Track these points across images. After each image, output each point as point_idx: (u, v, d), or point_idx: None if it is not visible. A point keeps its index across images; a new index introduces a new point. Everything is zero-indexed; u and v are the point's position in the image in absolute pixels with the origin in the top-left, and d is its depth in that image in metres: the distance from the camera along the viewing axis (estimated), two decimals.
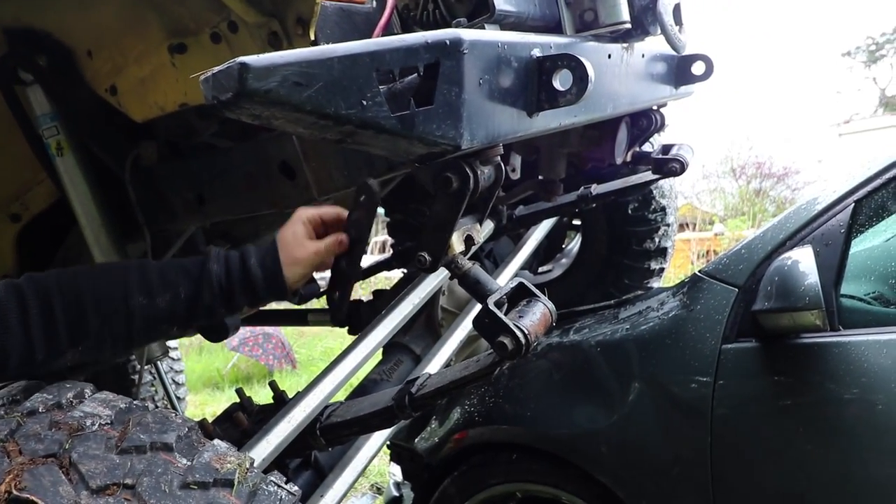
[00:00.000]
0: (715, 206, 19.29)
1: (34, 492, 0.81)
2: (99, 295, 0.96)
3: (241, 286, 1.06)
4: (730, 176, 20.11)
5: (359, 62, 0.74)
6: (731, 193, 19.88)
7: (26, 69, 1.39)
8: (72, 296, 0.95)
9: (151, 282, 0.99)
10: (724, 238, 11.62)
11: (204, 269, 1.03)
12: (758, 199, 18.85)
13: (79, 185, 1.45)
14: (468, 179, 0.97)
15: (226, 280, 1.05)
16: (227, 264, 1.05)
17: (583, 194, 2.11)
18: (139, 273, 0.99)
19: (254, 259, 1.06)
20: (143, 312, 0.99)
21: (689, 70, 1.72)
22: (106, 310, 0.97)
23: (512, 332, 0.99)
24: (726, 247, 10.72)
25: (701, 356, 1.62)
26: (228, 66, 0.67)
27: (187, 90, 1.26)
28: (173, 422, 0.98)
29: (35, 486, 0.82)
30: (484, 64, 0.89)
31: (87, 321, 0.96)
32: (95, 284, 0.97)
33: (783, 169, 19.65)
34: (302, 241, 1.09)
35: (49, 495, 0.81)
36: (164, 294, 1.00)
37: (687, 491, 1.60)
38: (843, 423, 1.44)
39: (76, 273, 0.98)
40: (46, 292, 0.94)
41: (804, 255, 1.46)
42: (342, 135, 0.79)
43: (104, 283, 0.98)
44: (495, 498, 1.96)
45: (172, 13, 1.21)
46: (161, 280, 1.00)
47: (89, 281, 0.97)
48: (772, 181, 19.76)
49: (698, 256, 10.54)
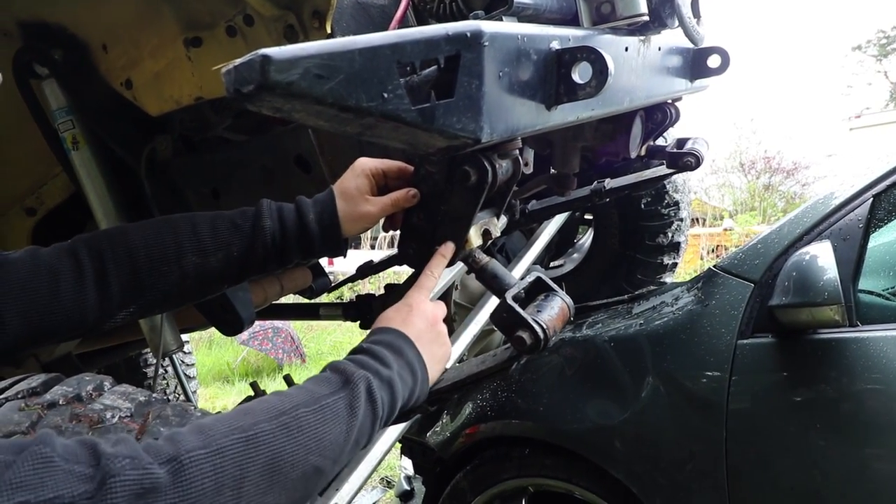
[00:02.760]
0: (724, 201, 19.22)
1: None
2: (152, 255, 0.92)
3: (296, 243, 1.01)
4: (739, 171, 20.03)
5: (380, 54, 0.74)
6: (740, 188, 19.81)
7: (41, 63, 1.39)
8: (125, 257, 0.92)
9: (204, 240, 0.95)
10: (733, 233, 11.56)
11: (257, 226, 0.97)
12: (767, 195, 18.77)
13: (95, 179, 1.46)
14: (486, 173, 0.97)
15: (280, 237, 0.99)
16: (282, 220, 1.00)
17: (596, 189, 2.09)
18: (191, 231, 0.95)
19: (311, 215, 1.01)
20: (196, 271, 0.95)
21: (705, 63, 1.70)
22: (159, 270, 0.93)
23: (530, 327, 0.99)
24: (736, 242, 10.68)
25: (716, 351, 1.62)
26: (250, 58, 0.66)
27: (203, 84, 1.26)
28: (192, 414, 0.99)
29: None
30: (504, 56, 0.89)
31: (142, 282, 0.93)
32: (148, 244, 0.92)
33: (792, 164, 19.55)
34: (365, 196, 1.03)
35: None
36: (216, 253, 0.95)
37: (702, 486, 1.59)
38: (861, 418, 1.43)
39: (126, 231, 0.94)
40: (101, 255, 0.90)
41: (823, 250, 1.45)
42: (362, 127, 0.78)
43: (157, 244, 0.93)
44: (507, 492, 1.96)
45: (188, 6, 1.21)
46: (213, 238, 0.95)
47: (141, 240, 0.92)
48: (781, 176, 19.65)
49: (708, 252, 10.49)
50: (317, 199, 1.03)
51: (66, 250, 0.90)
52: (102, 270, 0.90)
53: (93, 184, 1.46)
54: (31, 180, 1.64)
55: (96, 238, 0.93)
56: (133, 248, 0.92)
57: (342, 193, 1.03)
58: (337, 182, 1.04)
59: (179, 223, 0.96)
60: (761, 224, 13.66)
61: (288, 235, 1.00)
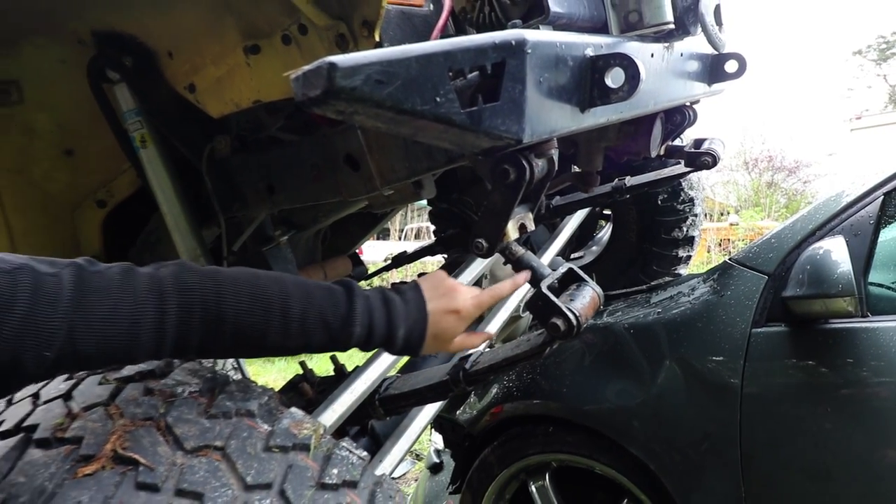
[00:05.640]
0: (729, 197, 18.98)
1: (136, 451, 0.84)
2: (238, 329, 0.85)
3: (369, 347, 0.95)
4: (743, 169, 19.78)
5: (434, 61, 0.74)
6: (745, 186, 19.57)
7: (113, 69, 1.41)
8: (213, 326, 0.84)
9: (291, 327, 0.88)
10: (738, 228, 11.40)
11: (345, 331, 0.91)
12: (770, 191, 18.52)
13: (160, 175, 1.48)
14: (524, 171, 0.96)
15: (363, 344, 0.94)
16: (371, 329, 0.92)
17: (617, 186, 2.09)
18: (281, 314, 0.87)
19: (402, 331, 0.94)
20: (269, 349, 0.90)
21: (723, 68, 1.68)
22: (240, 344, 0.87)
23: (564, 315, 0.99)
24: (741, 236, 10.53)
25: (731, 339, 1.60)
26: (317, 65, 0.66)
27: (260, 88, 1.26)
28: (255, 390, 1.00)
29: (137, 447, 0.85)
30: (544, 63, 0.88)
31: (218, 345, 0.87)
32: (238, 315, 0.85)
33: (794, 162, 19.28)
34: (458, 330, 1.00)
35: (149, 455, 0.84)
36: (297, 340, 0.89)
37: (716, 465, 1.58)
38: (870, 404, 1.41)
39: (221, 292, 0.85)
40: (188, 321, 0.82)
41: (836, 245, 1.43)
42: (415, 129, 0.79)
43: (246, 319, 0.85)
44: (532, 466, 1.97)
45: (248, 17, 1.22)
46: (301, 328, 0.88)
47: (233, 311, 0.84)
48: (783, 174, 19.38)
49: (715, 245, 10.36)
50: (409, 311, 0.96)
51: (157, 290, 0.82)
52: (184, 333, 0.83)
53: (158, 179, 1.48)
54: (103, 175, 1.66)
55: (193, 287, 0.84)
56: (224, 316, 0.84)
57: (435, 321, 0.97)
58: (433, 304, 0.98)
59: (273, 301, 0.87)
60: (765, 219, 13.46)
61: (371, 342, 0.94)
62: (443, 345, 1.00)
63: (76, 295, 0.77)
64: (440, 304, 0.98)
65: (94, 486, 0.79)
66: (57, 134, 1.58)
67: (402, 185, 1.28)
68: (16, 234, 1.60)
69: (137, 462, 0.82)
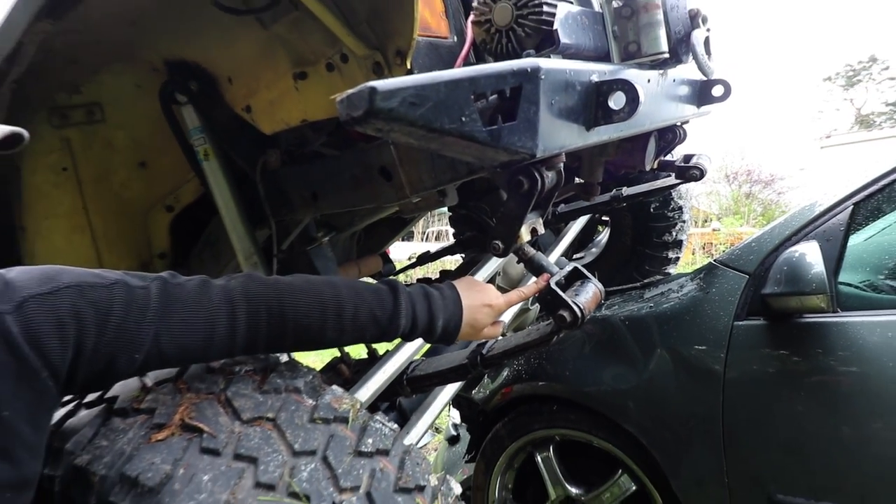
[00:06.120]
0: (711, 206, 18.77)
1: (201, 421, 0.84)
2: (299, 327, 0.88)
3: (412, 337, 0.98)
4: (724, 181, 19.54)
5: (460, 86, 0.74)
6: (725, 196, 19.35)
7: (181, 92, 1.43)
8: (277, 327, 0.87)
9: (345, 324, 0.90)
10: (720, 233, 11.25)
11: (392, 323, 0.93)
12: (748, 201, 18.29)
13: (220, 184, 1.49)
14: (537, 182, 0.96)
15: (408, 334, 0.96)
16: (414, 320, 0.95)
17: (615, 195, 2.07)
18: (336, 313, 0.89)
19: (440, 322, 0.96)
20: (328, 342, 0.93)
21: (710, 92, 1.65)
22: (300, 339, 0.90)
23: (570, 308, 0.98)
24: (723, 240, 10.38)
25: (715, 331, 1.58)
26: (360, 89, 0.66)
27: (307, 109, 1.27)
28: (301, 370, 1.00)
29: (201, 417, 0.85)
30: (555, 87, 0.88)
31: (282, 345, 0.91)
32: (297, 316, 0.87)
33: (770, 176, 19.03)
34: (487, 322, 1.02)
35: (212, 424, 0.84)
36: (351, 334, 0.92)
37: (701, 441, 1.56)
38: (838, 389, 1.38)
39: (282, 297, 0.87)
40: (255, 313, 0.85)
41: (811, 249, 1.40)
42: (442, 145, 0.78)
43: (305, 318, 0.88)
44: (538, 440, 1.96)
45: (297, 47, 1.22)
46: (353, 324, 0.91)
47: (293, 311, 0.87)
48: (760, 186, 19.14)
49: (699, 248, 10.23)
50: (447, 304, 0.98)
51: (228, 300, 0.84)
52: (252, 337, 0.85)
53: (219, 187, 1.50)
54: (171, 184, 1.68)
55: (259, 296, 0.86)
56: (286, 319, 0.86)
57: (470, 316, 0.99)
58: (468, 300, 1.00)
59: (328, 303, 0.89)
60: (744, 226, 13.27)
61: (415, 332, 0.96)
62: (475, 334, 1.02)
63: (161, 305, 0.79)
64: (475, 300, 1.00)
65: (165, 450, 0.80)
66: (133, 148, 1.60)
67: (428, 194, 1.28)
68: (97, 234, 1.62)
69: (202, 430, 0.83)
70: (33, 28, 1.04)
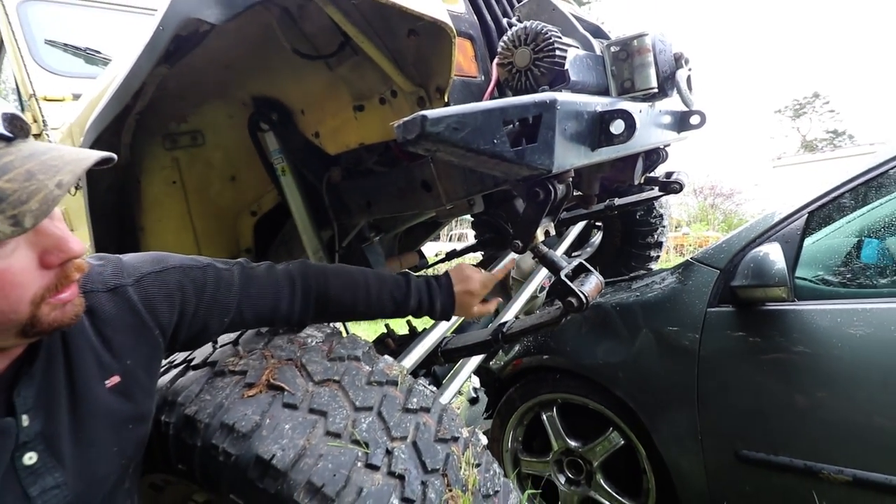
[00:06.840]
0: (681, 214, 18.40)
1: (282, 381, 0.85)
2: (339, 301, 0.95)
3: (420, 314, 1.05)
4: (692, 194, 19.21)
5: (493, 114, 0.73)
6: (693, 206, 18.98)
7: (264, 122, 1.44)
8: (323, 298, 0.94)
9: (371, 302, 0.98)
10: (689, 237, 11.01)
11: (405, 303, 1.01)
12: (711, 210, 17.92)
13: (294, 194, 1.50)
14: (550, 193, 0.95)
15: (415, 311, 1.03)
16: (420, 301, 1.02)
17: (608, 205, 2.03)
18: (365, 295, 0.97)
19: (438, 304, 1.04)
20: (358, 315, 0.99)
21: (689, 121, 1.60)
22: (339, 311, 0.97)
23: (577, 295, 0.97)
24: (691, 242, 10.15)
25: (691, 315, 1.54)
26: (413, 117, 0.66)
27: (364, 134, 1.27)
28: (359, 342, 1.01)
29: (283, 378, 0.86)
30: (568, 115, 0.86)
31: (325, 313, 0.96)
32: (338, 294, 0.95)
33: (730, 190, 18.67)
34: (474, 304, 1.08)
35: (291, 384, 0.85)
36: (375, 308, 0.99)
37: (679, 405, 1.52)
38: (793, 364, 1.34)
39: (327, 278, 0.95)
40: (308, 293, 0.93)
41: (773, 249, 1.36)
42: (477, 163, 0.78)
43: (343, 295, 0.95)
44: (543, 402, 1.94)
45: (356, 85, 1.22)
46: (378, 302, 0.98)
47: (335, 290, 0.95)
48: (721, 198, 18.77)
49: (672, 248, 10.03)
50: (443, 292, 1.05)
51: (289, 278, 0.92)
52: (306, 305, 0.93)
53: (293, 197, 1.51)
54: (255, 193, 1.69)
55: (310, 276, 0.94)
56: (329, 294, 0.94)
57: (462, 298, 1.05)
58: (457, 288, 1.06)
59: (359, 287, 0.97)
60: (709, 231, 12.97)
61: (420, 310, 1.03)
62: (467, 312, 1.08)
63: (241, 282, 0.85)
64: (461, 288, 1.06)
65: (254, 404, 0.81)
66: (226, 166, 1.62)
67: (460, 202, 1.27)
68: (198, 233, 1.65)
69: (283, 389, 0.84)
70: (153, 72, 1.06)
